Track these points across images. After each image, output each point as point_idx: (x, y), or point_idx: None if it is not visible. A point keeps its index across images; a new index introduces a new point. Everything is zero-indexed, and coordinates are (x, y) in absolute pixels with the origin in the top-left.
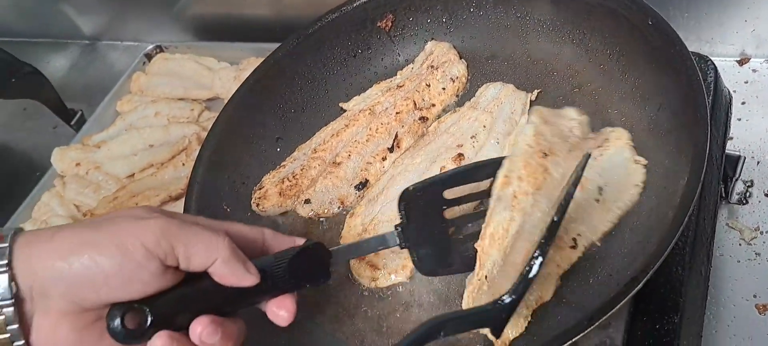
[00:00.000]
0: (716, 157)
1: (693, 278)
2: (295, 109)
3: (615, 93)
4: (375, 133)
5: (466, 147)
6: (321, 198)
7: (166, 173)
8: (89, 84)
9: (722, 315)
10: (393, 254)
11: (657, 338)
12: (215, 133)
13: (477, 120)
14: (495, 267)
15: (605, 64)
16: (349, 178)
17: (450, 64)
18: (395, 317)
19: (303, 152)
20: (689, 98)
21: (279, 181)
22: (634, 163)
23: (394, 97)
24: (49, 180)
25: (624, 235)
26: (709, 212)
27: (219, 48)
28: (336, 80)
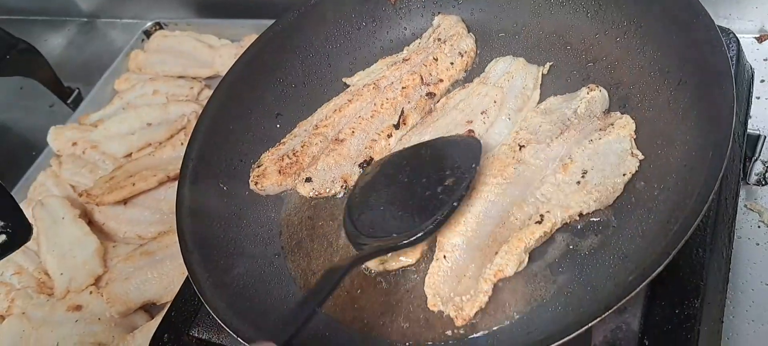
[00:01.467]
0: (738, 135)
1: (714, 261)
2: (296, 83)
3: (632, 67)
4: (380, 108)
5: (477, 123)
6: (323, 176)
7: (164, 153)
8: (87, 62)
9: (740, 300)
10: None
11: (676, 323)
12: (211, 109)
13: (487, 95)
14: (455, 250)
15: (622, 36)
16: (353, 155)
17: (458, 37)
18: (403, 299)
19: (303, 129)
20: (713, 71)
21: (278, 158)
22: (631, 155)
23: (400, 71)
24: (45, 160)
25: (640, 214)
26: (731, 192)
27: (220, 25)
28: (339, 54)
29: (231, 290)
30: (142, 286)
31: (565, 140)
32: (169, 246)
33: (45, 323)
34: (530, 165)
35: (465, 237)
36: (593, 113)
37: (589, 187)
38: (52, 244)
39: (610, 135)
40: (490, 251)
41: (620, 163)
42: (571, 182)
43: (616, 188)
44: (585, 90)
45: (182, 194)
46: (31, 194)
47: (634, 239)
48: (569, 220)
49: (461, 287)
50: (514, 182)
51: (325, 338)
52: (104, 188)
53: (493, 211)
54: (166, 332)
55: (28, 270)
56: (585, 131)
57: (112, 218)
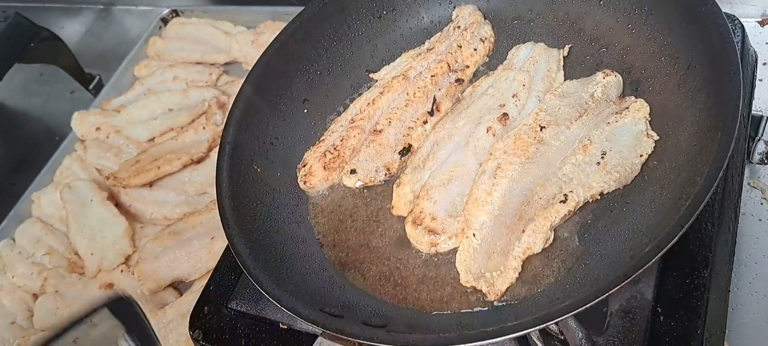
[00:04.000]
0: (743, 115)
1: (722, 234)
2: (321, 70)
3: (643, 53)
4: (413, 98)
5: (509, 106)
6: (366, 167)
7: (186, 137)
8: (105, 49)
9: (744, 273)
10: (451, 218)
11: (687, 292)
12: (243, 95)
13: (516, 80)
14: (484, 228)
15: (634, 23)
16: (392, 144)
17: (477, 25)
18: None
19: (340, 124)
20: (720, 56)
21: (321, 155)
22: (646, 136)
23: (427, 60)
24: (69, 144)
25: (653, 190)
26: (736, 169)
27: (235, 12)
28: (360, 42)
29: (270, 265)
30: (171, 264)
31: (583, 123)
32: (195, 226)
33: (78, 301)
34: (551, 146)
35: (492, 215)
36: (609, 97)
37: (609, 167)
38: (82, 225)
39: (626, 118)
40: (517, 228)
41: (637, 145)
42: (591, 162)
43: (634, 169)
44: (601, 75)
45: (221, 180)
46: (57, 177)
47: (648, 214)
48: (591, 199)
49: (491, 263)
50: (537, 161)
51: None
52: (130, 171)
53: (518, 189)
54: (206, 305)
55: (58, 251)
56: (602, 115)
57: (138, 200)
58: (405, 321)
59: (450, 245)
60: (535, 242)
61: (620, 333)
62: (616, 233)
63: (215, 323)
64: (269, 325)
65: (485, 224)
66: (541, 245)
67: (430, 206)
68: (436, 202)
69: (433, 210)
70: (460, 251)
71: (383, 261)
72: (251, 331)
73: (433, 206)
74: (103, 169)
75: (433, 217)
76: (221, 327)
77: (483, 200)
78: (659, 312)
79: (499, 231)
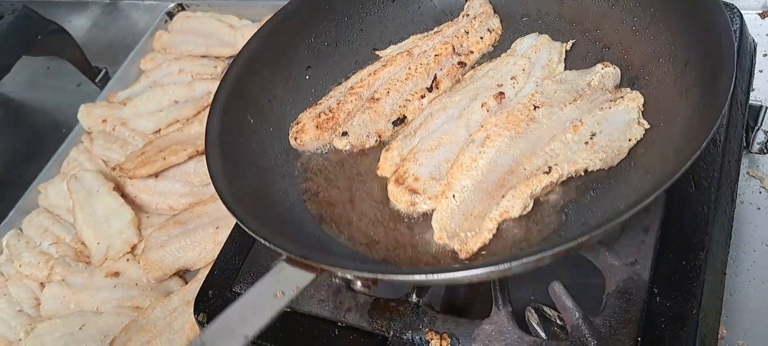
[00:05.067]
0: (741, 102)
1: (718, 218)
2: (328, 43)
3: (644, 52)
4: (414, 72)
5: (507, 87)
6: (358, 131)
7: (192, 129)
8: (111, 43)
9: (742, 259)
10: (433, 180)
11: (683, 273)
12: (248, 49)
13: (516, 64)
14: (464, 191)
15: (637, 25)
16: (387, 113)
17: (486, 16)
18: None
19: (339, 91)
20: (716, 48)
21: (315, 115)
22: (638, 124)
23: (433, 41)
24: (76, 136)
25: (638, 175)
26: (733, 156)
27: (240, 5)
28: (371, 22)
29: (247, 200)
30: (176, 253)
31: (577, 107)
32: (200, 216)
33: (85, 289)
34: (542, 124)
35: (474, 180)
36: (605, 87)
37: (597, 147)
38: (88, 215)
39: (620, 106)
40: (498, 195)
41: (627, 130)
42: (579, 141)
43: (621, 151)
44: (600, 66)
45: (212, 119)
46: (64, 169)
47: (630, 196)
48: (574, 174)
49: (467, 224)
50: (526, 136)
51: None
52: (136, 162)
53: (504, 160)
54: (211, 289)
55: (65, 240)
56: (596, 101)
57: (143, 190)
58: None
59: (429, 205)
60: (513, 207)
61: (617, 313)
62: (596, 210)
63: (219, 306)
64: None
65: (466, 188)
66: (519, 210)
67: (414, 167)
68: (421, 164)
69: (416, 171)
70: (438, 210)
71: (361, 218)
72: None
73: (418, 168)
74: (109, 160)
75: (416, 177)
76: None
77: (468, 165)
78: (656, 293)
79: (479, 196)
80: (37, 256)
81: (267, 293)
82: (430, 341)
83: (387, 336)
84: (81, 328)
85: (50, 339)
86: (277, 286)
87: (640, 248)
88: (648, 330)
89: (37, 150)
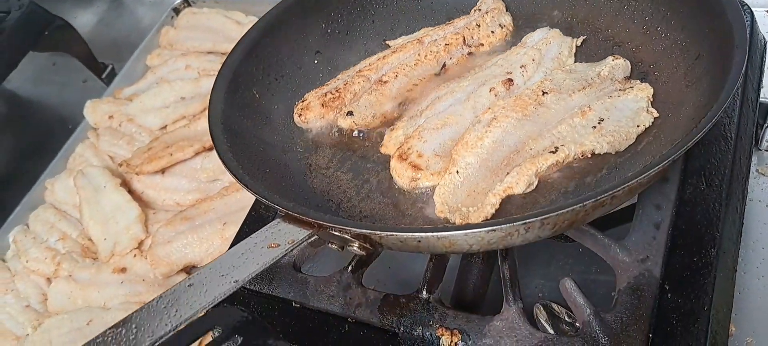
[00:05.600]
0: (752, 100)
1: (729, 214)
2: (339, 30)
3: (655, 49)
4: (423, 59)
5: (516, 74)
6: (363, 112)
7: (198, 125)
8: (117, 39)
9: (751, 257)
10: (436, 157)
11: (694, 270)
12: (259, 26)
13: (526, 54)
14: (468, 168)
15: (650, 25)
16: (394, 96)
17: (498, 12)
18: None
19: (347, 74)
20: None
21: (322, 95)
22: (646, 112)
23: (444, 31)
24: (82, 132)
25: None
26: (744, 153)
27: (246, 2)
28: (384, 14)
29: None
30: (183, 249)
31: (586, 94)
32: (207, 212)
33: (91, 285)
34: (550, 108)
35: (480, 158)
36: (615, 78)
37: (604, 132)
38: (95, 211)
39: (629, 95)
40: (502, 173)
41: (635, 117)
42: (587, 125)
43: (629, 137)
44: (610, 58)
45: (217, 89)
46: (70, 164)
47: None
48: (581, 155)
49: (469, 200)
50: (533, 119)
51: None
52: (143, 158)
53: (510, 140)
54: None
55: (71, 236)
56: (606, 90)
57: (150, 186)
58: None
59: (431, 181)
60: (517, 183)
61: (628, 309)
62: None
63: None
64: (282, 303)
65: (470, 165)
66: (523, 187)
67: (418, 144)
68: (425, 141)
69: (420, 148)
70: (441, 185)
71: (363, 194)
72: (263, 309)
73: (422, 145)
74: (115, 156)
75: (419, 154)
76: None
77: (473, 143)
78: (667, 289)
79: (483, 173)
80: (44, 252)
81: (261, 243)
82: (440, 337)
83: (397, 332)
84: (88, 323)
85: (57, 334)
86: (271, 238)
87: (651, 245)
88: (659, 327)
89: (44, 146)
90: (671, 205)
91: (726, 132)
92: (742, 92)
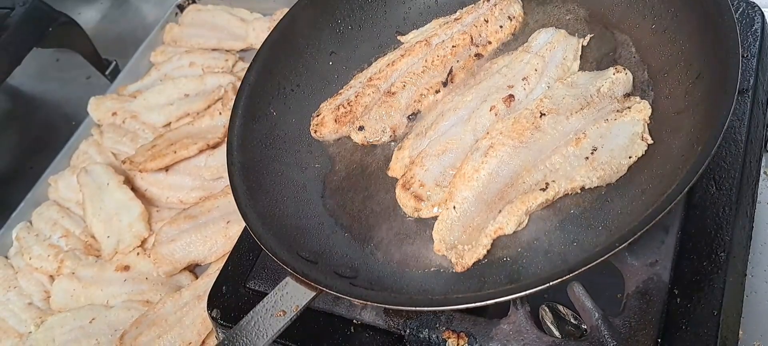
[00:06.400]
0: (762, 102)
1: (739, 218)
2: (352, 26)
3: (662, 54)
4: (430, 65)
5: (517, 88)
6: (374, 126)
7: (202, 122)
8: (121, 35)
9: (760, 260)
10: (438, 187)
11: (704, 275)
12: (272, 40)
13: (529, 63)
14: (465, 202)
15: (659, 23)
16: (402, 107)
17: (507, 3)
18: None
19: (359, 80)
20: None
21: (335, 108)
22: (641, 139)
23: (452, 30)
24: (85, 129)
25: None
26: (754, 155)
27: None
28: (395, 3)
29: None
30: (186, 247)
31: (583, 116)
32: (211, 210)
33: (94, 282)
34: (547, 133)
35: (475, 192)
36: (614, 94)
37: (596, 164)
38: (98, 208)
39: (626, 117)
40: (496, 207)
41: (629, 146)
42: (580, 156)
43: (620, 169)
44: (612, 70)
45: (235, 116)
46: (74, 162)
47: (623, 216)
48: (571, 191)
49: (465, 236)
50: (529, 146)
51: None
52: (146, 155)
53: (505, 171)
54: (224, 285)
55: (74, 233)
56: (604, 111)
57: (154, 184)
58: (374, 276)
59: (433, 212)
60: (507, 223)
61: (637, 314)
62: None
63: (233, 302)
64: None
65: (467, 199)
66: (514, 227)
67: (421, 172)
68: (427, 170)
69: (423, 177)
70: (439, 221)
71: (372, 219)
72: None
73: (424, 174)
74: (119, 153)
75: (421, 184)
76: (239, 306)
77: (470, 176)
78: (676, 294)
79: (478, 207)
80: (47, 249)
81: (270, 311)
82: (446, 339)
83: (403, 335)
84: (91, 321)
85: (60, 332)
86: (280, 304)
87: (660, 249)
88: (668, 331)
89: (47, 142)
90: (680, 208)
91: (736, 135)
92: (752, 95)
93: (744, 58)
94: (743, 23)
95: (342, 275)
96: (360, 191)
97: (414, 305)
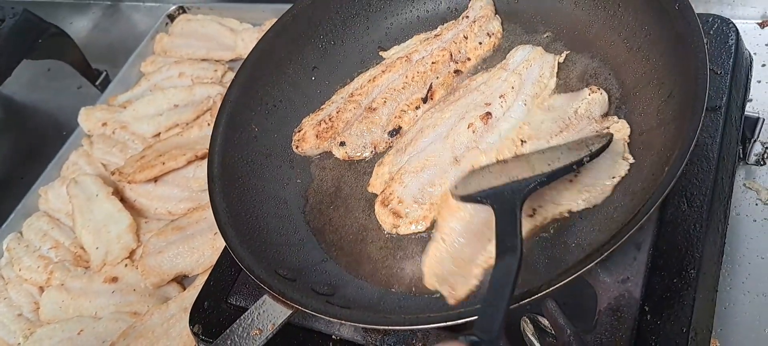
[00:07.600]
0: (735, 119)
1: (710, 236)
2: (334, 41)
3: (636, 72)
4: (411, 81)
5: (494, 106)
6: (355, 142)
7: (191, 133)
8: (112, 45)
9: (737, 272)
10: (416, 204)
11: (675, 291)
12: (253, 58)
13: (506, 81)
14: (453, 233)
15: (633, 41)
16: (383, 123)
17: (486, 19)
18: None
19: (340, 96)
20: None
21: (316, 123)
22: (622, 159)
23: (432, 46)
24: (76, 139)
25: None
26: (727, 172)
27: (241, 9)
28: (377, 19)
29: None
30: (174, 259)
31: (563, 139)
32: (199, 222)
33: (83, 294)
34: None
35: (463, 222)
36: (592, 115)
37: (580, 186)
38: (87, 220)
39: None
40: (485, 237)
41: (612, 166)
42: (564, 179)
43: (604, 190)
44: (587, 91)
45: (216, 135)
46: (64, 172)
47: (596, 234)
48: (559, 216)
49: (456, 268)
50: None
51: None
52: (135, 166)
53: None
54: (206, 300)
55: (64, 244)
56: (583, 132)
57: (142, 195)
58: (351, 294)
59: (410, 229)
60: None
61: (608, 331)
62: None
63: (215, 317)
64: None
65: (454, 230)
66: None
67: (400, 189)
68: (405, 186)
69: (401, 194)
70: (429, 255)
71: (352, 233)
72: None
73: (403, 190)
74: (108, 164)
75: (400, 200)
76: (221, 322)
77: (455, 206)
78: (647, 311)
79: (467, 238)
80: (37, 260)
81: (247, 329)
82: None
83: None
84: (79, 333)
85: (49, 344)
86: (257, 322)
87: (632, 266)
88: None
89: (38, 153)
90: (652, 225)
91: (708, 152)
92: (725, 112)
93: (717, 75)
94: (717, 40)
95: (319, 292)
96: (340, 207)
97: (387, 323)
